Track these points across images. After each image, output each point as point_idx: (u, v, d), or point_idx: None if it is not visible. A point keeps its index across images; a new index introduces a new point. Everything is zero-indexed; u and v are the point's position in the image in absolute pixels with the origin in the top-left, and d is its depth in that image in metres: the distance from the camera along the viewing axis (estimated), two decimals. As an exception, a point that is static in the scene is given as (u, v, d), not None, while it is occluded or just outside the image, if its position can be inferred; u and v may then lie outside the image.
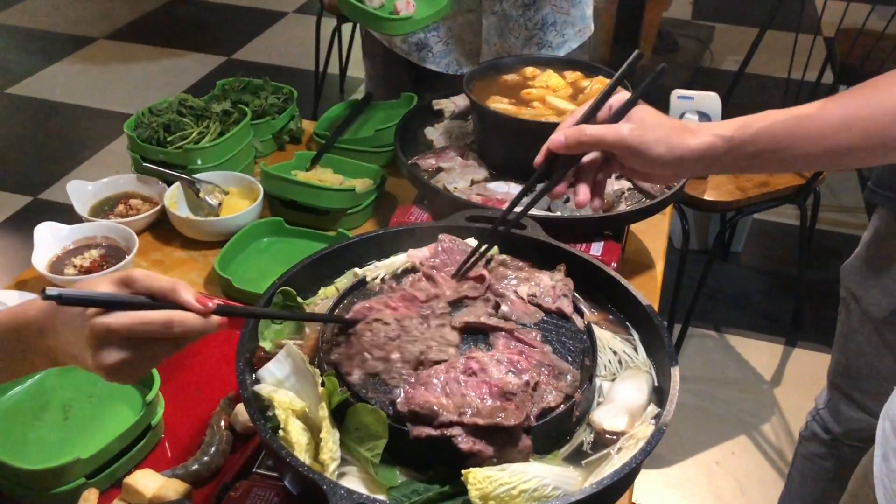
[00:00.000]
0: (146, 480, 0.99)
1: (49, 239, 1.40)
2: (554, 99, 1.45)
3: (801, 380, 2.70)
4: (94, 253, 1.40)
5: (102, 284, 0.77)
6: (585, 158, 0.99)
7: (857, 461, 1.18)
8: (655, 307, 1.19)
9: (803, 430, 1.81)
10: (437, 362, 0.91)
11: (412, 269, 1.10)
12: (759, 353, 2.82)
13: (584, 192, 0.98)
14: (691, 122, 0.95)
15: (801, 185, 2.54)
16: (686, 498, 2.33)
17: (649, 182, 1.01)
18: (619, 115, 0.95)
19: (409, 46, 1.81)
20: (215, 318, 0.79)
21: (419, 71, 1.85)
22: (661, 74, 0.97)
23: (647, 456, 0.84)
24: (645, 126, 0.92)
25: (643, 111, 0.95)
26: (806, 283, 2.86)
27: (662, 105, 0.99)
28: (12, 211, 3.33)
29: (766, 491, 2.31)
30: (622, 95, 0.97)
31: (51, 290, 0.71)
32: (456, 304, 1.03)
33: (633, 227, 1.53)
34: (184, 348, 0.80)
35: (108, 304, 0.74)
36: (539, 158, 1.00)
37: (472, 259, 1.06)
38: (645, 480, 2.36)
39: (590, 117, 0.98)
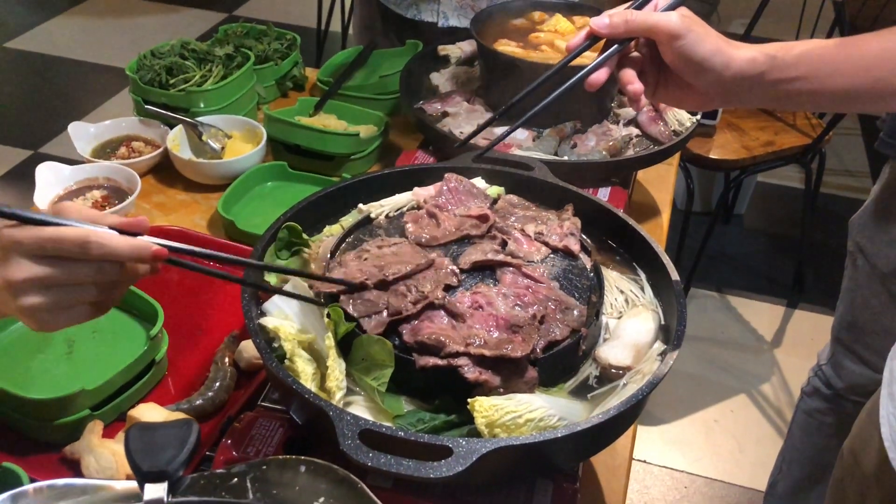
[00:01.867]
0: (150, 413, 0.99)
1: (51, 179, 1.38)
2: (562, 43, 1.43)
3: (802, 341, 2.71)
4: (97, 194, 1.39)
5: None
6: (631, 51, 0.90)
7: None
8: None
9: (805, 386, 1.82)
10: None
11: (417, 208, 1.09)
12: (761, 314, 2.83)
13: (636, 81, 0.89)
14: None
15: (807, 145, 2.53)
16: (685, 455, 2.34)
17: (679, 103, 0.94)
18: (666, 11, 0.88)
19: None
20: (148, 244, 0.70)
21: (389, 15, 1.81)
22: None
23: (654, 389, 0.84)
24: (694, 19, 0.87)
25: (690, 12, 0.89)
26: (808, 245, 2.86)
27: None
28: (12, 164, 3.31)
29: (764, 448, 2.33)
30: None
31: None
32: (460, 241, 1.02)
33: (640, 176, 1.52)
34: (108, 293, 0.73)
35: (18, 218, 0.68)
36: (577, 40, 0.92)
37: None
38: (644, 438, 2.38)
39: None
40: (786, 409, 2.46)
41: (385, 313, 0.88)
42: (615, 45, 0.90)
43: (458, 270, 0.94)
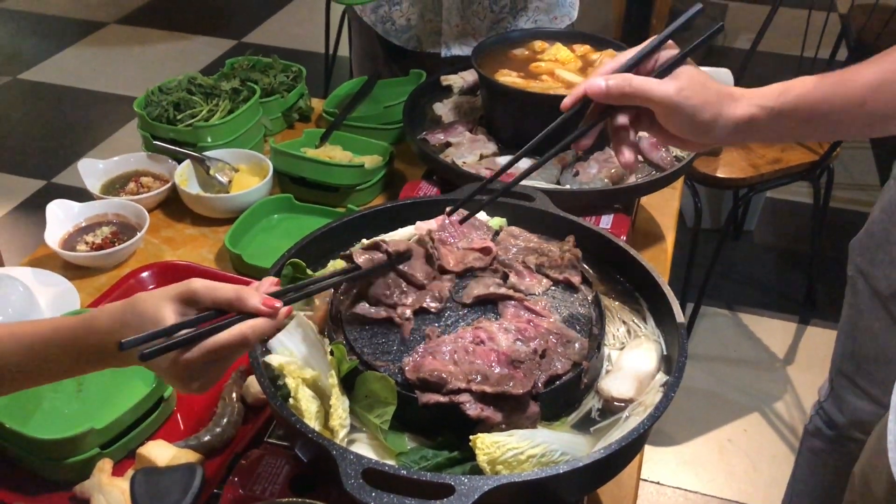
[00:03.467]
0: (159, 451, 1.00)
1: (61, 216, 1.41)
2: (563, 72, 1.44)
3: (814, 357, 2.69)
4: (106, 230, 1.41)
5: (167, 311, 0.76)
6: (621, 118, 0.89)
7: None
8: (665, 279, 1.19)
9: (808, 425, 1.77)
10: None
11: (420, 241, 1.10)
12: (772, 331, 2.81)
13: (627, 152, 0.89)
14: (733, 88, 0.89)
15: (815, 162, 2.52)
16: (698, 475, 2.33)
17: (676, 146, 0.95)
18: (665, 72, 0.88)
19: (375, 17, 1.80)
20: (282, 311, 0.80)
21: (390, 45, 1.83)
22: (716, 33, 0.92)
23: (656, 421, 0.84)
24: (693, 87, 0.86)
25: (689, 70, 0.88)
26: (819, 260, 2.84)
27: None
28: (26, 195, 3.36)
29: (778, 467, 2.31)
30: (670, 51, 0.90)
31: (127, 341, 0.72)
32: (463, 275, 1.03)
33: (644, 201, 1.53)
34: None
35: (184, 343, 0.75)
36: (568, 101, 0.90)
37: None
38: (656, 458, 2.36)
39: (632, 68, 0.89)
40: (800, 427, 2.43)
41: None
42: (603, 114, 0.89)
43: (444, 298, 0.97)
